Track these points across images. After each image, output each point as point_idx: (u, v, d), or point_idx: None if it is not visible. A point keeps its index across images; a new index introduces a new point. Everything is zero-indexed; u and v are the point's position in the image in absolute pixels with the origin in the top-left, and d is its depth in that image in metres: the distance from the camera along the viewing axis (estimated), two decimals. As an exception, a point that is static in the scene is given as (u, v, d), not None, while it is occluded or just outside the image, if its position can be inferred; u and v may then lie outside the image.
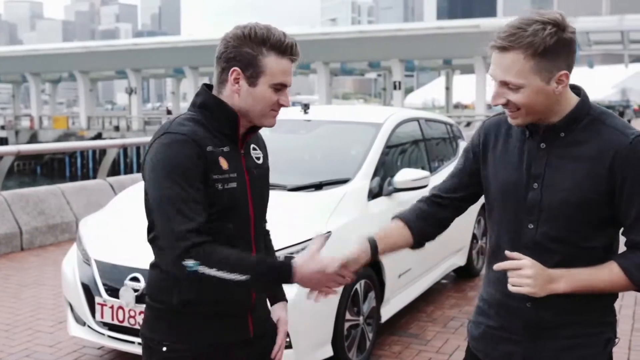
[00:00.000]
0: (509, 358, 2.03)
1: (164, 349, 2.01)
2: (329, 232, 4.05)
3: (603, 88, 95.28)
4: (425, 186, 4.89)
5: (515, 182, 1.97)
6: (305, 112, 5.43)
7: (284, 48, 1.95)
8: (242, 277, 1.84)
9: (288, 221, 4.11)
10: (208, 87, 2.05)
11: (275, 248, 3.73)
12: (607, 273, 1.88)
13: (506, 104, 1.88)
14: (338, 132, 5.39)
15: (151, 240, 2.05)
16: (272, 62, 1.94)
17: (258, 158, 2.13)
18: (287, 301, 2.34)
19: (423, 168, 5.35)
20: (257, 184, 2.08)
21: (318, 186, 4.58)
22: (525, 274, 1.84)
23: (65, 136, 47.26)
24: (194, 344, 2.01)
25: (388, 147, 5.06)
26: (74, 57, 55.27)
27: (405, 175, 4.77)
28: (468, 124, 28.62)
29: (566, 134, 1.91)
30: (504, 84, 1.85)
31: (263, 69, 1.94)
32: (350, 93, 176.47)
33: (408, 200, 4.92)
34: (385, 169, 4.93)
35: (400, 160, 5.37)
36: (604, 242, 1.92)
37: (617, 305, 5.75)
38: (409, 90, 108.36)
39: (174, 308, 2.00)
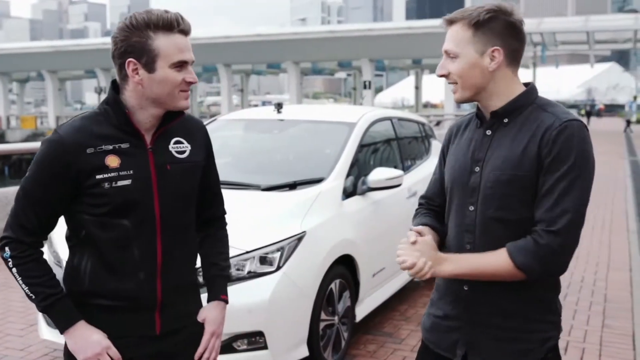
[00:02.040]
0: (454, 346, 2.08)
1: (67, 342, 2.04)
2: (304, 232, 4.05)
3: (569, 87, 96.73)
4: (398, 185, 4.92)
5: (461, 168, 2.07)
6: (279, 112, 5.42)
7: (169, 24, 1.91)
8: (29, 292, 1.96)
9: (262, 221, 4.10)
10: (116, 84, 2.02)
11: (250, 248, 3.79)
12: (494, 257, 1.91)
13: (447, 76, 2.01)
14: (312, 131, 5.38)
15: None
16: (162, 42, 1.90)
17: (181, 152, 2.07)
18: (225, 301, 2.26)
19: (396, 167, 5.37)
20: (171, 180, 2.02)
21: (292, 186, 4.56)
22: (416, 249, 1.94)
23: (34, 136, 46.68)
24: None
25: (362, 147, 5.07)
26: (42, 57, 54.62)
27: (378, 175, 4.79)
28: (438, 123, 28.82)
29: (510, 120, 1.99)
30: (446, 54, 2.00)
31: (156, 51, 1.90)
32: (321, 93, 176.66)
33: (381, 199, 4.97)
34: (359, 168, 4.94)
35: (373, 160, 5.38)
36: None
37: (587, 302, 5.83)
38: (378, 90, 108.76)
39: (79, 299, 2.01)
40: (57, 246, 4.19)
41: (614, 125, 49.94)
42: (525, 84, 2.04)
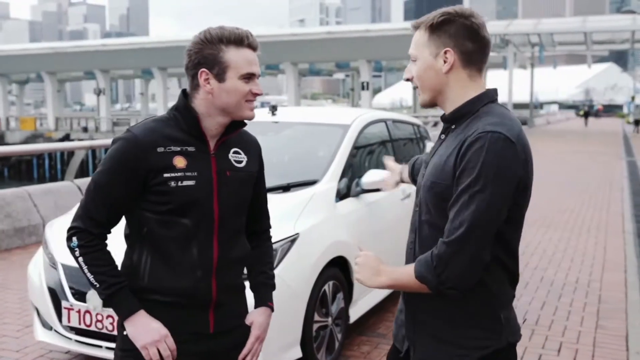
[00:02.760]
0: (403, 340, 2.13)
1: (125, 332, 2.11)
2: (297, 233, 4.07)
3: (567, 88, 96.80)
4: (392, 187, 4.93)
5: (421, 171, 2.13)
6: (273, 114, 5.44)
7: (240, 39, 2.07)
8: (94, 281, 2.06)
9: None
10: (186, 92, 2.15)
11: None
12: (409, 270, 1.93)
13: (412, 80, 2.05)
14: (306, 133, 5.40)
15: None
16: (233, 55, 2.05)
17: (239, 161, 2.20)
18: (271, 308, 2.37)
19: (391, 169, 5.38)
20: (229, 185, 2.15)
21: (286, 188, 4.58)
22: (356, 262, 2.04)
23: (33, 137, 46.64)
24: None
25: (356, 149, 5.09)
26: (42, 58, 54.62)
27: (372, 176, 4.80)
28: (435, 124, 28.90)
29: (456, 126, 2.00)
30: (410, 57, 2.05)
31: (227, 63, 2.05)
32: (319, 93, 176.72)
33: (375, 200, 4.99)
34: (353, 170, 4.96)
35: (368, 161, 5.40)
36: None
37: (581, 302, 5.84)
38: (377, 91, 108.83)
39: (136, 294, 2.10)
40: (52, 248, 4.22)
41: (613, 126, 49.94)
42: (490, 90, 2.03)
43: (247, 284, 2.36)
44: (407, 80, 2.08)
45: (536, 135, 37.40)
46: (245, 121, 2.16)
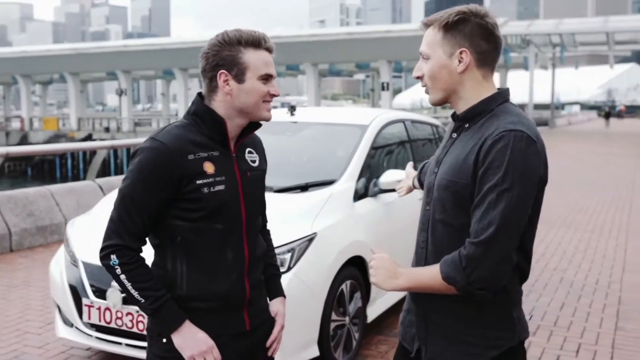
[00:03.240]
0: (412, 340, 2.12)
1: (164, 340, 2.12)
2: (315, 233, 4.10)
3: (589, 89, 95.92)
4: (410, 187, 4.94)
5: (430, 167, 2.12)
6: (292, 114, 5.47)
7: (258, 41, 2.10)
8: (139, 297, 2.05)
9: (273, 222, 4.13)
10: (201, 96, 2.16)
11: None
12: (433, 271, 1.91)
13: (421, 78, 2.04)
14: (324, 133, 5.42)
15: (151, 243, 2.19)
16: (251, 57, 2.08)
17: (253, 161, 2.24)
18: (285, 297, 2.45)
19: (409, 169, 5.39)
20: (250, 186, 2.19)
21: (304, 187, 4.61)
22: (371, 266, 2.02)
23: (56, 137, 47.15)
24: None
25: (374, 149, 5.11)
26: (64, 59, 55.10)
27: (390, 177, 4.82)
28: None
29: (470, 125, 1.99)
30: (421, 56, 2.03)
31: (246, 64, 2.07)
32: (339, 94, 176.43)
33: (393, 201, 5.00)
34: (371, 170, 4.98)
35: (386, 162, 5.41)
36: None
37: (600, 304, 5.79)
38: (397, 91, 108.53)
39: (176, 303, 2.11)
40: (73, 246, 4.28)
41: (635, 126, 49.39)
42: (499, 90, 2.02)
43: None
44: (417, 78, 2.07)
45: (557, 135, 37.10)
46: (263, 122, 2.18)
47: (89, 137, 46.00)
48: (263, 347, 2.30)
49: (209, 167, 2.07)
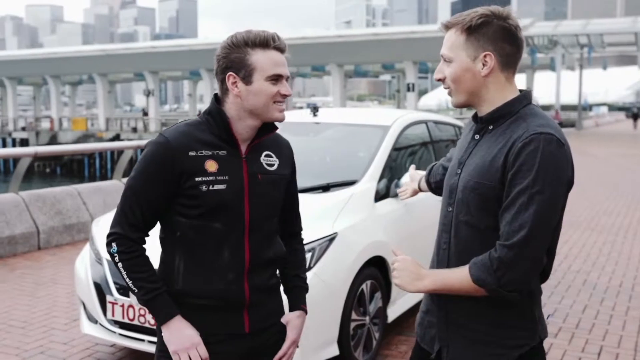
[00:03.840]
0: (433, 341, 2.12)
1: (163, 334, 2.15)
2: (335, 233, 4.13)
3: (617, 89, 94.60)
4: (431, 188, 4.94)
5: (451, 168, 2.12)
6: (315, 115, 5.51)
7: (266, 41, 2.09)
8: (133, 286, 2.10)
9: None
10: (217, 96, 2.19)
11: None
12: (461, 273, 1.92)
13: (443, 80, 2.04)
14: (346, 134, 5.45)
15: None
16: (259, 57, 2.08)
17: (270, 165, 2.22)
18: (305, 311, 2.40)
19: (431, 170, 5.39)
20: (260, 189, 2.17)
21: (325, 188, 4.65)
22: (394, 268, 2.04)
23: (84, 137, 47.70)
24: None
25: (396, 150, 5.13)
26: (93, 60, 55.79)
27: (411, 177, 4.82)
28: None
29: (494, 127, 1.99)
30: (443, 58, 2.02)
31: (254, 65, 2.08)
32: (365, 95, 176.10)
33: (414, 201, 4.98)
34: (392, 171, 5.00)
35: (408, 162, 5.41)
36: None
37: (624, 307, 5.72)
38: (423, 92, 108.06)
39: (172, 297, 2.13)
40: (98, 244, 4.36)
41: (666, 128, 48.63)
42: (521, 91, 2.03)
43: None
44: (439, 80, 2.06)
45: (584, 137, 36.69)
46: (288, 122, 2.19)
47: (116, 137, 46.49)
48: (268, 353, 2.27)
49: (210, 166, 2.09)
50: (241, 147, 2.16)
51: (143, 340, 3.97)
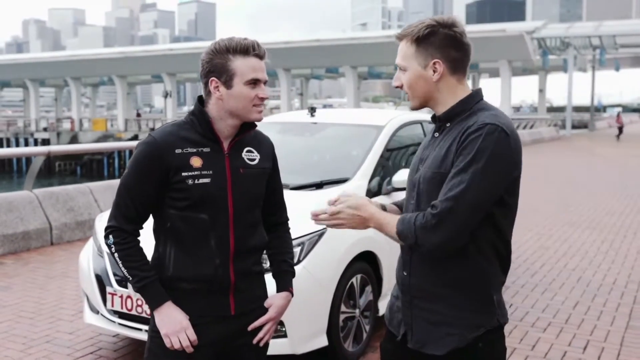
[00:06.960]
0: (399, 326, 2.27)
1: (155, 319, 2.36)
2: (325, 228, 4.29)
3: (631, 91, 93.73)
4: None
5: (413, 165, 2.28)
6: (312, 115, 5.69)
7: (246, 49, 2.27)
8: (127, 274, 2.31)
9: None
10: (201, 98, 2.39)
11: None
12: (391, 225, 2.11)
13: (401, 87, 2.21)
14: (342, 134, 5.62)
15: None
16: (239, 64, 2.26)
17: (252, 159, 2.41)
18: (291, 294, 2.58)
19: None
20: (243, 181, 2.36)
21: (319, 185, 4.83)
22: (339, 218, 2.22)
23: (104, 138, 48.17)
24: None
25: (389, 149, 5.29)
26: (113, 62, 56.38)
27: (403, 175, 4.96)
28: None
29: (451, 124, 2.16)
30: (398, 67, 2.20)
31: (234, 71, 2.26)
32: (381, 96, 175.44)
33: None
34: (386, 170, 5.15)
35: (402, 161, 5.57)
36: None
37: (615, 303, 5.78)
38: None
39: (164, 283, 2.34)
40: (100, 238, 4.56)
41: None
42: (473, 90, 2.20)
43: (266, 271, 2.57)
44: (397, 87, 2.24)
45: (595, 138, 36.54)
46: (287, 122, 2.38)
47: (135, 138, 46.94)
48: (249, 333, 2.43)
49: (195, 162, 2.28)
50: (224, 144, 2.34)
51: (140, 329, 4.15)
